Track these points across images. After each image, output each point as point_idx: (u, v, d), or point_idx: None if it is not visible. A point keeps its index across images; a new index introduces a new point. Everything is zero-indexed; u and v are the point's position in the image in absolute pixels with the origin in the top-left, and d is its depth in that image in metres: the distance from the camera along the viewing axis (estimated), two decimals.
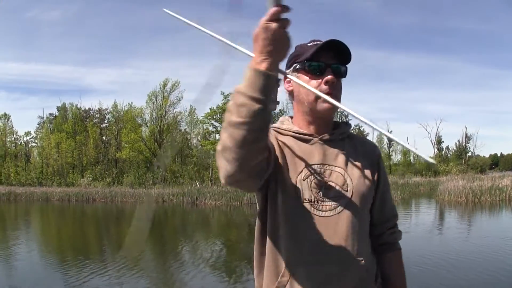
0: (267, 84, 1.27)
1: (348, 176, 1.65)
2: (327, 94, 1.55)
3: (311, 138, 1.68)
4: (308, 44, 1.67)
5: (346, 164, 1.67)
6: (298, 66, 1.65)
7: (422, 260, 9.58)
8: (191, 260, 11.28)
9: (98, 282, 8.51)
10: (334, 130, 1.73)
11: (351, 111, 1.34)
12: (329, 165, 1.65)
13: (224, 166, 1.32)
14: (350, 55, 1.65)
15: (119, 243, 15.21)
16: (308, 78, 1.63)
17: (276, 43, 1.25)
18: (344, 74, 1.66)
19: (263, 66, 1.26)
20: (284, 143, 1.64)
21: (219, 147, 1.32)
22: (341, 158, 1.67)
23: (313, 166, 1.62)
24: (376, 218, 1.76)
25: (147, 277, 9.19)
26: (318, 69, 1.62)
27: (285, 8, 1.23)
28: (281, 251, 1.56)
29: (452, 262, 9.49)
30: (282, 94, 1.72)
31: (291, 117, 1.79)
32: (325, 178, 1.62)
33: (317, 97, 1.61)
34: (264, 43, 1.25)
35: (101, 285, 8.34)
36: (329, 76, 1.60)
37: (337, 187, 1.60)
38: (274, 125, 1.74)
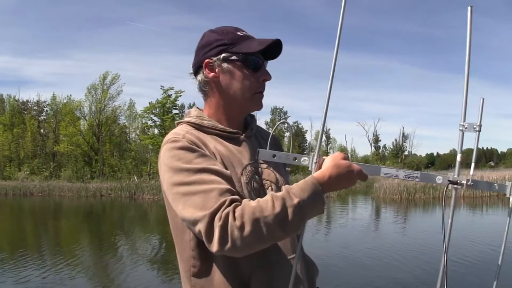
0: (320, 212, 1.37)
1: (276, 171, 1.62)
2: (261, 92, 1.59)
3: (238, 136, 1.60)
4: (238, 33, 1.57)
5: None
6: (233, 57, 1.53)
7: (354, 253, 10.40)
8: (129, 255, 11.35)
9: (35, 278, 8.47)
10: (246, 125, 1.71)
11: None
12: (259, 163, 1.59)
13: (238, 244, 1.25)
14: (278, 56, 1.62)
15: (56, 238, 15.46)
16: (244, 72, 1.54)
17: (346, 187, 1.43)
18: None
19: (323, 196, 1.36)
20: (216, 148, 1.52)
21: (248, 228, 1.24)
22: None
23: (248, 167, 1.54)
24: None
25: (85, 272, 9.20)
26: (256, 65, 1.55)
27: (365, 179, 1.42)
28: (242, 260, 1.42)
29: (379, 256, 10.08)
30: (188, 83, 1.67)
31: (199, 109, 1.67)
32: (262, 177, 1.58)
33: (256, 93, 1.57)
34: (345, 186, 1.40)
35: (38, 280, 8.31)
36: (269, 76, 1.59)
37: (273, 185, 1.58)
38: (190, 120, 1.59)
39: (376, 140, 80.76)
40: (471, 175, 1.35)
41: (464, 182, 1.35)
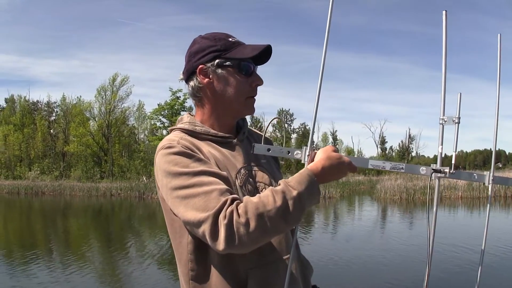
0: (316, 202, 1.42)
1: (269, 173, 1.65)
2: (253, 97, 1.61)
3: (231, 140, 1.61)
4: (230, 40, 1.59)
5: (263, 161, 1.67)
6: (228, 63, 1.55)
7: (353, 251, 10.63)
8: (138, 254, 11.27)
9: (45, 277, 8.48)
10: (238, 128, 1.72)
11: None
12: (252, 165, 1.61)
13: (244, 240, 1.26)
14: (267, 61, 1.65)
15: (67, 236, 15.68)
16: (237, 78, 1.56)
17: (338, 178, 1.49)
18: None
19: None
20: (210, 152, 1.53)
21: (253, 224, 1.26)
22: (256, 156, 1.63)
23: (242, 170, 1.56)
24: None
25: (95, 272, 9.21)
26: (249, 70, 1.57)
27: (355, 170, 1.49)
28: (238, 262, 1.46)
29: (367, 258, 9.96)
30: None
31: (191, 115, 1.68)
32: (256, 180, 1.60)
33: (248, 98, 1.59)
34: (338, 177, 1.46)
35: (48, 279, 8.31)
36: (261, 81, 1.61)
37: (267, 187, 1.54)
38: (183, 126, 1.60)
39: (383, 141, 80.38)
40: (453, 164, 1.39)
41: (447, 170, 1.41)
